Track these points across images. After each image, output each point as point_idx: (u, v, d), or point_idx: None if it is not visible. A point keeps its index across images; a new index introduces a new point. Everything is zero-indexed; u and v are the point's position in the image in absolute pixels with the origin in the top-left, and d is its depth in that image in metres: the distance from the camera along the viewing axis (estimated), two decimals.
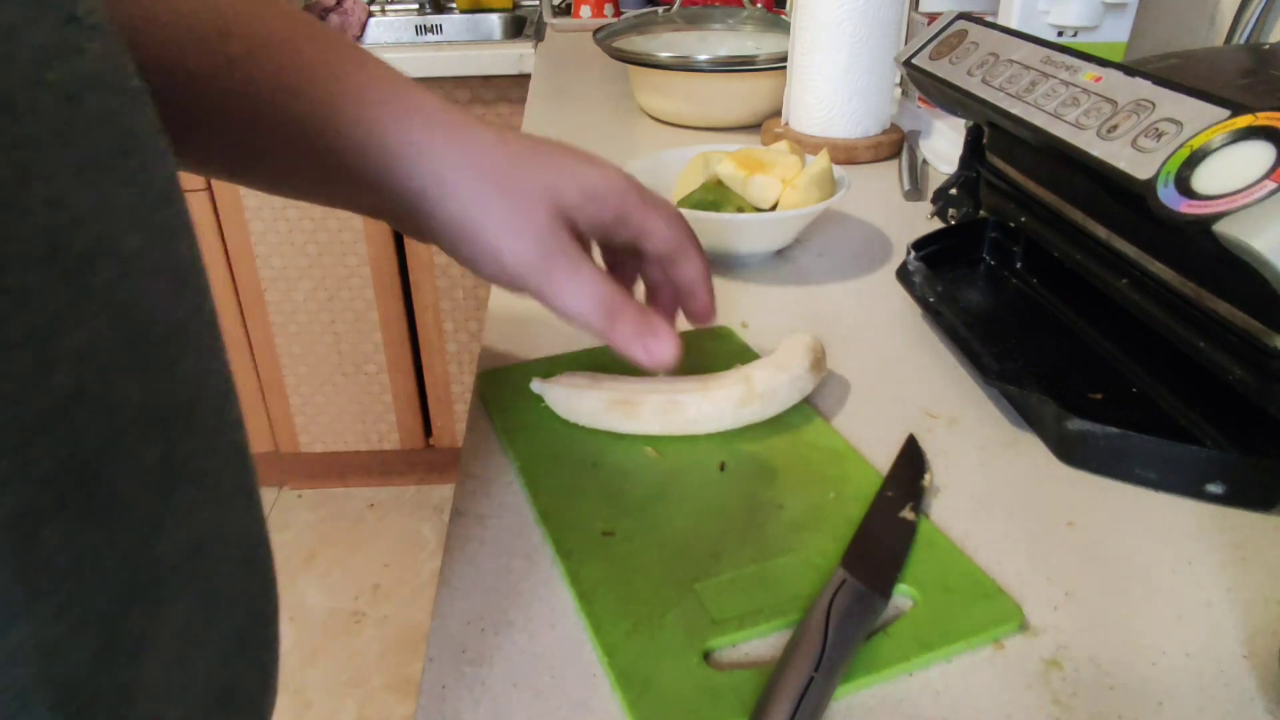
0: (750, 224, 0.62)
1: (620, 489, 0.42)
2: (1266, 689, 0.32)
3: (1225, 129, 0.39)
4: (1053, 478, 0.43)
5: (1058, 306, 0.56)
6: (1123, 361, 0.50)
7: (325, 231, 1.59)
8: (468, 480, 0.44)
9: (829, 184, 0.65)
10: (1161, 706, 0.32)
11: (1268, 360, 0.39)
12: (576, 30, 1.67)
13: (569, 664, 0.34)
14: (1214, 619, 0.35)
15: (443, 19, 1.92)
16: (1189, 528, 0.40)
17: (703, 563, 0.37)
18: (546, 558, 0.39)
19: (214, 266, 1.62)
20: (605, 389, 0.45)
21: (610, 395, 0.45)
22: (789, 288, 0.63)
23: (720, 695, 0.31)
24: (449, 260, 1.63)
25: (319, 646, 1.55)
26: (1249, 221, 0.36)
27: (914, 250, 0.58)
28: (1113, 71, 0.48)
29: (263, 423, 1.79)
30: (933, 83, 0.62)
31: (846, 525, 0.39)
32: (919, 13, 0.98)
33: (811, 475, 0.43)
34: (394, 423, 1.80)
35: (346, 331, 1.70)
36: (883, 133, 0.89)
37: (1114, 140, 0.44)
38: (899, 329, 0.57)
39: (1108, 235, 0.49)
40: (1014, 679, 0.33)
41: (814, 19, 0.84)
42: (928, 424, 0.48)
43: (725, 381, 0.45)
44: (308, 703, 1.45)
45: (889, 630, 0.34)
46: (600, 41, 1.06)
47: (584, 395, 0.45)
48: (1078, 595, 0.36)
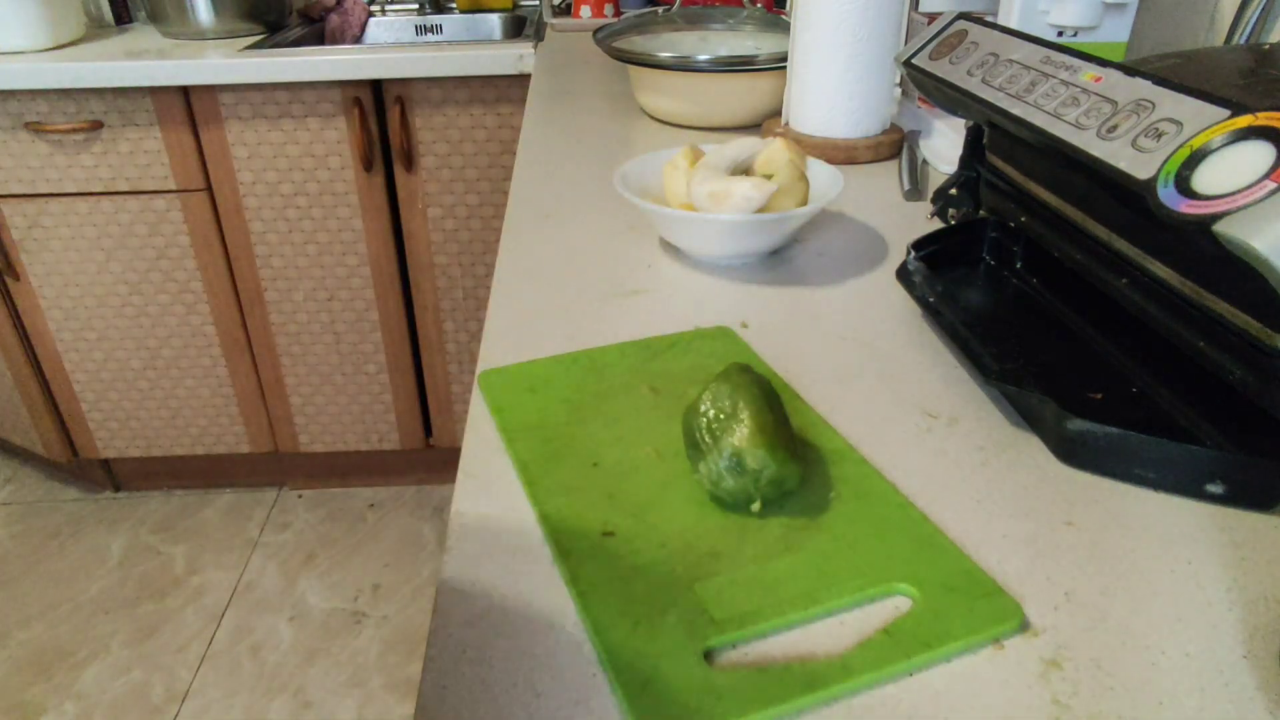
0: (736, 225, 0.62)
1: (620, 489, 0.42)
2: (1266, 689, 0.32)
3: (1225, 129, 0.39)
4: (1053, 478, 0.43)
5: (1058, 306, 0.56)
6: (1123, 361, 0.50)
7: (325, 231, 1.59)
8: (468, 480, 0.44)
9: (796, 175, 0.66)
10: (1161, 706, 0.32)
11: (1268, 360, 0.39)
12: (576, 30, 1.67)
13: (569, 664, 0.34)
14: (1214, 619, 0.35)
15: (443, 19, 1.92)
16: (1189, 528, 0.40)
17: (703, 563, 0.37)
18: (546, 558, 0.39)
19: (214, 266, 1.62)
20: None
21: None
22: (789, 288, 0.63)
23: (720, 695, 0.31)
24: (449, 260, 1.63)
25: (319, 646, 1.55)
26: (1249, 221, 0.36)
27: (914, 250, 0.58)
28: (1113, 71, 0.48)
29: (263, 423, 1.79)
30: (933, 83, 0.62)
31: (846, 525, 0.39)
32: (919, 13, 0.98)
33: (811, 475, 0.43)
34: (394, 423, 1.80)
35: (346, 331, 1.70)
36: (883, 133, 0.89)
37: (1114, 140, 0.44)
38: (899, 329, 0.57)
39: (1108, 235, 0.49)
40: (1014, 679, 0.33)
41: (814, 19, 0.84)
42: (927, 424, 0.48)
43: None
44: (308, 703, 1.45)
45: (889, 630, 0.34)
46: (600, 41, 1.06)
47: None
48: (1078, 595, 0.36)
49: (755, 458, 0.39)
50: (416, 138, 1.52)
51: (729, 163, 0.65)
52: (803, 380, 0.52)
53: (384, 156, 1.55)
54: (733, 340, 0.55)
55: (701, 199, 0.63)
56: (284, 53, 1.45)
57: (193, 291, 1.64)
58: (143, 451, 1.81)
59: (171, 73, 1.41)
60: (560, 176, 0.87)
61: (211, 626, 1.59)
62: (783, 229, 0.64)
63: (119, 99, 1.45)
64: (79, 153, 1.49)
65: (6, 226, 1.56)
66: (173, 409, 1.76)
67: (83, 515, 1.87)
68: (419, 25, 1.92)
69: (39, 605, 1.65)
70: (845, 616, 0.36)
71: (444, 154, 1.54)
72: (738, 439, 0.39)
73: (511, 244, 0.71)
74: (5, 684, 1.49)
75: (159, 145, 1.49)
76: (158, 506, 1.89)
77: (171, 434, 1.79)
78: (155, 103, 1.46)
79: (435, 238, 1.61)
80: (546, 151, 0.95)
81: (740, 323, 0.58)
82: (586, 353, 0.54)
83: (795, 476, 0.40)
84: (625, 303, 0.61)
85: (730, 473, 0.39)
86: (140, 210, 1.55)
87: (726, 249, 0.65)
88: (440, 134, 1.52)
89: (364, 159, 1.51)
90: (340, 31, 1.84)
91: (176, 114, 1.47)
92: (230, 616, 1.61)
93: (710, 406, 0.41)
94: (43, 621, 1.61)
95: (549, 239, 0.72)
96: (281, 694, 1.47)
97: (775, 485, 0.39)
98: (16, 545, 1.79)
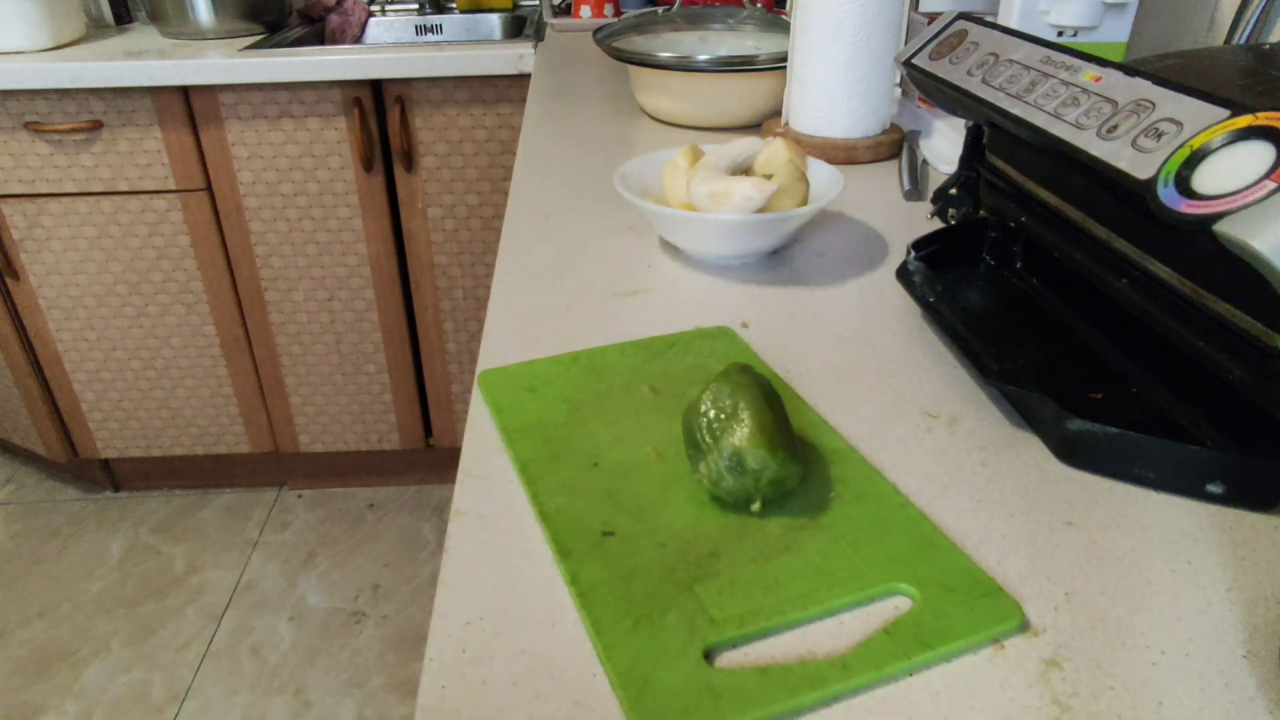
0: (736, 225, 0.62)
1: (620, 489, 0.42)
2: (1266, 689, 0.32)
3: (1225, 129, 0.39)
4: (1053, 478, 0.43)
5: (1058, 306, 0.56)
6: (1123, 361, 0.50)
7: (325, 231, 1.59)
8: (468, 480, 0.44)
9: (796, 174, 0.66)
10: (1161, 706, 0.32)
11: (1268, 360, 0.39)
12: (576, 30, 1.67)
13: (569, 664, 0.34)
14: (1214, 619, 0.35)
15: (443, 19, 1.92)
16: (1189, 528, 0.40)
17: (703, 563, 0.37)
18: (546, 558, 0.39)
19: (214, 266, 1.62)
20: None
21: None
22: (789, 288, 0.63)
23: (720, 695, 0.31)
24: (449, 260, 1.63)
25: (319, 646, 1.55)
26: (1249, 221, 0.36)
27: (914, 250, 0.58)
28: (1113, 71, 0.48)
29: (263, 423, 1.79)
30: (933, 83, 0.62)
31: (846, 525, 0.39)
32: (919, 13, 0.98)
33: (811, 475, 0.43)
34: (394, 423, 1.80)
35: (346, 331, 1.70)
36: (883, 133, 0.89)
37: (1114, 140, 0.44)
38: (899, 329, 0.57)
39: (1108, 235, 0.49)
40: (1014, 679, 0.33)
41: (814, 19, 0.84)
42: (927, 424, 0.48)
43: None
44: (308, 703, 1.45)
45: (889, 630, 0.34)
46: (600, 41, 1.06)
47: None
48: (1078, 595, 0.36)
49: (755, 458, 0.39)
50: (416, 138, 1.52)
51: (729, 163, 0.65)
52: (803, 380, 0.52)
53: (384, 156, 1.55)
54: (733, 340, 0.55)
55: (701, 199, 0.63)
56: (284, 53, 1.45)
57: (193, 291, 1.64)
58: (142, 451, 1.81)
59: (171, 73, 1.41)
60: (560, 176, 0.87)
61: (211, 626, 1.59)
62: (783, 229, 0.64)
63: (119, 99, 1.45)
64: (79, 153, 1.49)
65: (6, 226, 1.56)
66: (173, 409, 1.76)
67: (83, 515, 1.87)
68: (419, 25, 1.92)
69: (39, 605, 1.65)
70: (845, 616, 0.36)
71: (444, 154, 1.54)
72: (738, 439, 0.39)
73: (511, 244, 0.71)
74: (5, 684, 1.49)
75: (159, 145, 1.49)
76: (158, 506, 1.89)
77: (171, 434, 1.79)
78: (155, 103, 1.46)
79: (435, 238, 1.61)
80: (546, 151, 0.95)
81: (740, 323, 0.58)
82: (586, 353, 0.54)
83: (795, 476, 0.40)
84: (625, 303, 0.61)
85: (730, 473, 0.39)
86: (140, 210, 1.55)
87: (726, 249, 0.65)
88: (440, 134, 1.52)
89: (364, 159, 1.51)
90: (340, 31, 1.84)
91: (176, 114, 1.47)
92: (230, 616, 1.61)
93: (710, 406, 0.41)
94: (43, 621, 1.61)
95: (549, 239, 0.72)
96: (281, 694, 1.47)
97: (775, 485, 0.39)
98: (16, 545, 1.79)
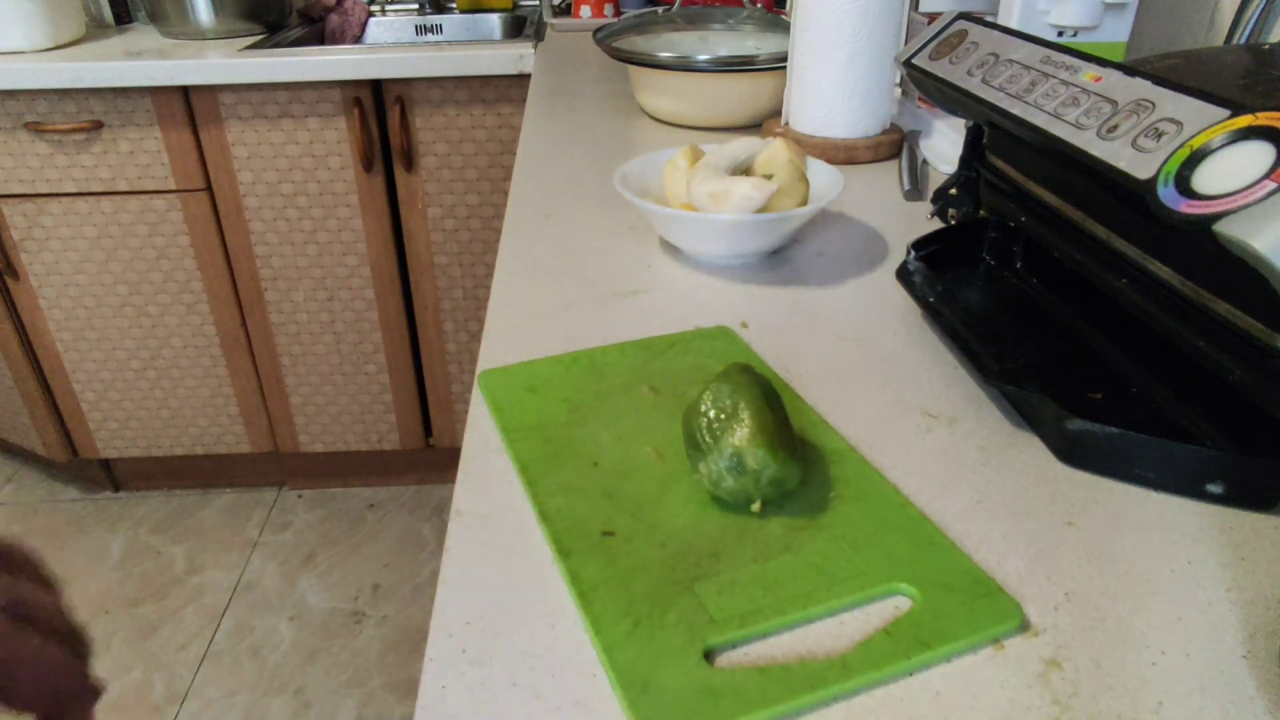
0: (736, 225, 0.62)
1: (620, 489, 0.42)
2: (1266, 689, 0.32)
3: (1225, 129, 0.39)
4: (1053, 478, 0.43)
5: (1058, 306, 0.56)
6: (1123, 361, 0.50)
7: (325, 231, 1.59)
8: (468, 480, 0.44)
9: (796, 174, 0.65)
10: (1161, 706, 0.32)
11: (1268, 360, 0.39)
12: (576, 30, 1.67)
13: (569, 664, 0.34)
14: (1214, 619, 0.35)
15: (443, 19, 1.92)
16: (1189, 528, 0.40)
17: (703, 563, 0.37)
18: (546, 558, 0.39)
19: (214, 266, 1.62)
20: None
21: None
22: (789, 288, 0.63)
23: (720, 695, 0.31)
24: (449, 260, 1.63)
25: (319, 646, 1.55)
26: (1249, 221, 0.36)
27: (914, 250, 0.58)
28: (1113, 71, 0.48)
29: (263, 423, 1.79)
30: (933, 83, 0.62)
31: (846, 525, 0.39)
32: (919, 13, 0.98)
33: (811, 475, 0.43)
34: (394, 423, 1.80)
35: (346, 331, 1.70)
36: (883, 133, 0.89)
37: (1114, 140, 0.44)
38: (899, 329, 0.57)
39: (1108, 235, 0.49)
40: (1014, 679, 0.33)
41: (814, 19, 0.84)
42: (927, 424, 0.48)
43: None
44: (308, 703, 1.45)
45: (889, 630, 0.34)
46: (600, 41, 1.06)
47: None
48: (1078, 595, 0.36)
49: (755, 458, 0.39)
50: (416, 138, 1.52)
51: (729, 163, 0.65)
52: (803, 380, 0.52)
53: (384, 156, 1.55)
54: (733, 340, 0.55)
55: (701, 199, 0.63)
56: (284, 53, 1.45)
57: (193, 291, 1.64)
58: (142, 451, 1.81)
59: (171, 73, 1.41)
60: (560, 176, 0.87)
61: (211, 626, 1.59)
62: (783, 229, 0.64)
63: (119, 99, 1.45)
64: (79, 153, 1.49)
65: (6, 226, 1.56)
66: (173, 409, 1.76)
67: (83, 515, 1.87)
68: (419, 25, 1.92)
69: None
70: (845, 616, 0.36)
71: (444, 154, 1.54)
72: (738, 439, 0.39)
73: (511, 244, 0.71)
74: None
75: (159, 145, 1.49)
76: (158, 506, 1.89)
77: (171, 434, 1.79)
78: (155, 103, 1.46)
79: (435, 238, 1.61)
80: (546, 151, 0.95)
81: (740, 323, 0.58)
82: (587, 353, 0.54)
83: (795, 476, 0.40)
84: (625, 303, 0.61)
85: (730, 473, 0.39)
86: (140, 210, 1.55)
87: (726, 249, 0.65)
88: (440, 134, 1.52)
89: (364, 159, 1.51)
90: (340, 31, 1.84)
91: (176, 114, 1.47)
92: (230, 616, 1.61)
93: (710, 406, 0.41)
94: None
95: (549, 239, 0.72)
96: (281, 694, 1.47)
97: (775, 485, 0.39)
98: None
